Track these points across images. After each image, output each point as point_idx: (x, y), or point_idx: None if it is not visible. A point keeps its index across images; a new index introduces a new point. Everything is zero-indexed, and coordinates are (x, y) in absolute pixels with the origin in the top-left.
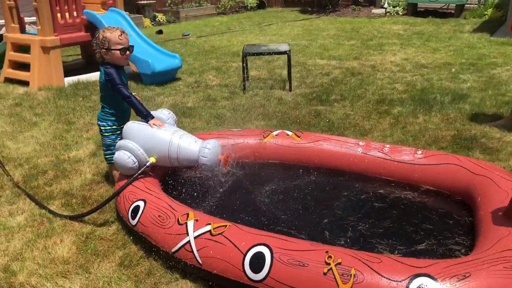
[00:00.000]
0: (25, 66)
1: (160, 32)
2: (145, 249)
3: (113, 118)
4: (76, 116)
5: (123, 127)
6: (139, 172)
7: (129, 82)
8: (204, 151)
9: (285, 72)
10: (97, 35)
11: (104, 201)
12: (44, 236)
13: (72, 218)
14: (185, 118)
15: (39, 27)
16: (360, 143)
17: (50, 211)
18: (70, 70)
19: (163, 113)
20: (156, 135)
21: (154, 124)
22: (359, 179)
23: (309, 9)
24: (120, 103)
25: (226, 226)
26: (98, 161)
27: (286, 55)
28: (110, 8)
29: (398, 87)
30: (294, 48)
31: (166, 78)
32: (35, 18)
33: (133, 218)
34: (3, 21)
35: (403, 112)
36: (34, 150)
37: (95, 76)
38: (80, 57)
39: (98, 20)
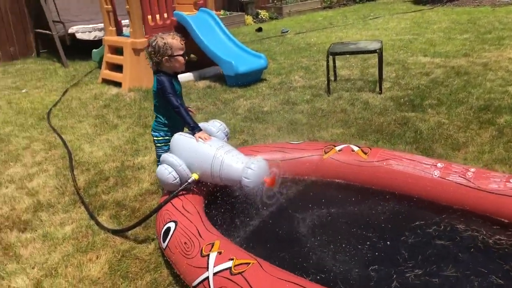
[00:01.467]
0: (121, 68)
1: (259, 29)
2: (174, 275)
3: (165, 129)
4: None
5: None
6: (179, 189)
7: (214, 83)
8: (247, 172)
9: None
10: (154, 43)
11: (143, 218)
12: (83, 251)
13: (114, 232)
14: (257, 124)
15: (131, 30)
16: (439, 164)
17: (97, 223)
18: None
19: (214, 125)
20: (200, 149)
21: (200, 138)
22: (431, 209)
23: None
24: (172, 113)
25: (249, 264)
26: None
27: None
28: (200, 8)
29: (511, 91)
30: (397, 43)
31: (251, 79)
32: None
33: (164, 241)
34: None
35: (511, 122)
36: (105, 155)
37: (183, 77)
38: None
39: (186, 21)
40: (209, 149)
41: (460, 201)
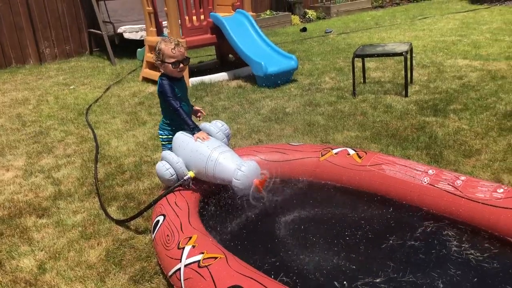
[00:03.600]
0: None
1: (304, 29)
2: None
3: (169, 128)
4: None
5: None
6: (175, 185)
7: (245, 83)
8: (237, 173)
9: (413, 74)
10: (156, 46)
11: (140, 211)
12: (87, 238)
13: (117, 222)
14: (276, 124)
15: (169, 31)
16: (430, 171)
17: (105, 213)
18: (205, 69)
19: (215, 126)
20: (197, 149)
21: (198, 138)
22: (417, 216)
23: None
24: (170, 114)
25: (216, 258)
26: None
27: (411, 56)
28: (237, 10)
29: None
30: (439, 45)
31: (281, 80)
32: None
33: (153, 232)
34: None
35: None
36: (128, 150)
37: (217, 77)
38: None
39: (221, 22)
40: (205, 149)
41: (446, 208)
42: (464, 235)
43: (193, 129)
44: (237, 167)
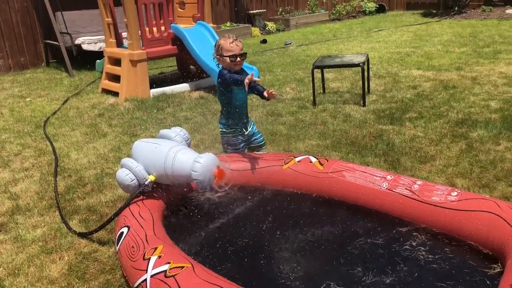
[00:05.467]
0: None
1: (264, 41)
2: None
3: (223, 122)
4: (142, 129)
5: (236, 129)
6: (137, 191)
7: (207, 94)
8: (195, 166)
9: (370, 84)
10: (216, 42)
11: (104, 222)
12: (48, 253)
13: (80, 235)
14: None
15: (129, 42)
16: (388, 177)
17: (67, 226)
18: (166, 81)
19: (173, 131)
20: (155, 150)
21: (247, 79)
22: (376, 220)
23: (434, 11)
24: (226, 106)
25: (183, 267)
26: None
27: (369, 67)
28: (198, 21)
29: (492, 105)
30: (394, 56)
31: None
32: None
33: (117, 244)
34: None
35: (483, 136)
36: (88, 162)
37: (179, 88)
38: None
39: (182, 33)
40: (162, 150)
41: (404, 212)
42: (421, 237)
43: (243, 80)
44: (194, 160)
